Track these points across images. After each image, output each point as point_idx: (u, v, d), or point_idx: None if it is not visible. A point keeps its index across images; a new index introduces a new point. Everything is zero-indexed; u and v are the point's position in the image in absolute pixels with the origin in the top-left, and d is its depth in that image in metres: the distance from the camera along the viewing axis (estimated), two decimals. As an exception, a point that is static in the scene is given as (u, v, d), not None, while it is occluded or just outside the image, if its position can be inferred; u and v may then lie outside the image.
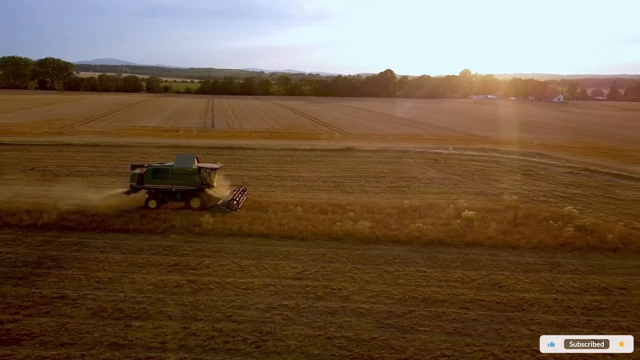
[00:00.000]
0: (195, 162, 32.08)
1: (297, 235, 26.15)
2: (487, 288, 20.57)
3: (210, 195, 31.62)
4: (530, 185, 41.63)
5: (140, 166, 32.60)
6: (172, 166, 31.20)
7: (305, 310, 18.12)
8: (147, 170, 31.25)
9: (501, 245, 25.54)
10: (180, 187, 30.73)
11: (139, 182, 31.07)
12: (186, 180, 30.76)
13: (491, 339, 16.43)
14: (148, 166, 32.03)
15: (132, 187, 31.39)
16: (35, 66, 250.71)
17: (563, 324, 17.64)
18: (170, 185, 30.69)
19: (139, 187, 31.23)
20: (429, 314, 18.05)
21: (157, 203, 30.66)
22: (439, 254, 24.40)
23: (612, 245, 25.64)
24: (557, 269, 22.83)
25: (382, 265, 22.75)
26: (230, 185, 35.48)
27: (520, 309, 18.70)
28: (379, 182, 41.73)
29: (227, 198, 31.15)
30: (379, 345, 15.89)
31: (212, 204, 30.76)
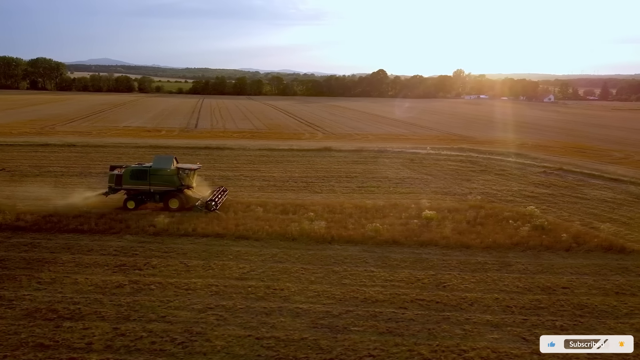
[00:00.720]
0: (174, 162, 31.88)
1: (251, 235, 26.09)
2: (430, 288, 20.57)
3: (189, 195, 31.47)
4: (501, 185, 41.72)
5: (119, 167, 32.42)
6: (151, 167, 31.05)
7: (241, 310, 18.07)
8: (125, 171, 31.08)
9: (455, 245, 25.55)
10: (159, 187, 30.59)
11: (117, 183, 30.92)
12: (165, 181, 30.63)
13: (422, 339, 16.42)
14: (126, 167, 31.83)
15: (110, 188, 31.23)
16: (26, 66, 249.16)
17: (498, 323, 17.66)
18: (148, 186, 30.54)
19: (117, 188, 31.06)
20: (365, 314, 18.03)
21: (135, 204, 30.51)
22: (391, 253, 24.39)
23: (566, 244, 25.70)
24: (506, 269, 22.86)
25: (330, 265, 22.72)
26: (210, 185, 35.30)
27: (459, 309, 18.71)
28: (350, 182, 41.73)
29: (206, 199, 30.99)
30: (307, 345, 15.86)
31: (191, 205, 30.56)
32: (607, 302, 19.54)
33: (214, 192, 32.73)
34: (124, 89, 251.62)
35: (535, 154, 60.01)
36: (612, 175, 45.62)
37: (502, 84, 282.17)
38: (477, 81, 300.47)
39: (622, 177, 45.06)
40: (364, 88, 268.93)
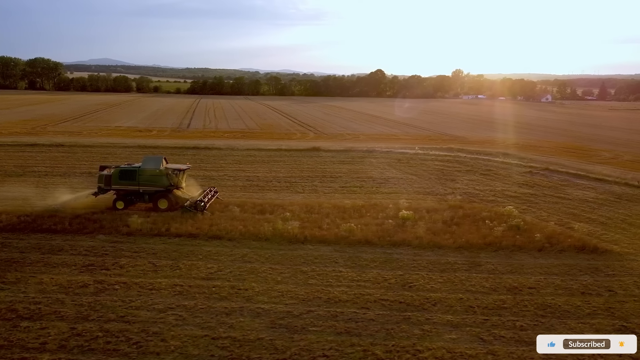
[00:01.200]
0: (164, 163, 31.81)
1: (225, 235, 26.08)
2: (396, 288, 20.55)
3: (178, 196, 31.41)
4: (484, 185, 41.68)
5: (109, 167, 32.36)
6: (140, 167, 30.98)
7: (202, 310, 18.06)
8: (114, 171, 31.02)
9: (427, 245, 25.52)
10: (148, 188, 30.53)
11: (106, 183, 30.88)
12: (154, 182, 30.56)
13: (379, 339, 16.41)
14: (116, 167, 31.80)
15: (100, 189, 31.19)
16: (25, 66, 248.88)
17: (458, 323, 17.64)
18: (138, 187, 30.49)
19: (106, 189, 31.02)
20: (326, 314, 18.02)
21: (124, 204, 30.47)
22: (362, 254, 24.37)
23: (539, 245, 25.67)
24: (475, 269, 22.83)
25: (299, 265, 22.71)
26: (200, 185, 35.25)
27: (422, 309, 18.69)
28: (333, 182, 41.71)
29: (195, 199, 30.91)
30: (262, 345, 15.84)
31: (180, 205, 30.51)
32: (571, 303, 19.51)
33: (204, 192, 32.66)
34: (122, 89, 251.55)
35: (524, 154, 59.97)
36: (597, 176, 45.58)
37: (500, 84, 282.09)
38: (475, 81, 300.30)
39: (606, 177, 45.01)
40: (362, 88, 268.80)
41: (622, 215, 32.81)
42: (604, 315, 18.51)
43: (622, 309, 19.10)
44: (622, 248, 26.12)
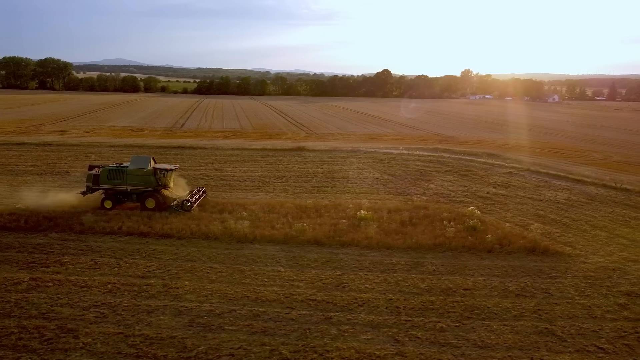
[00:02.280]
0: (152, 163, 32.00)
1: (175, 234, 26.22)
2: (329, 288, 20.51)
3: (166, 195, 31.59)
4: (459, 186, 41.37)
5: (98, 167, 32.59)
6: (128, 167, 31.22)
7: (125, 308, 18.18)
8: (102, 171, 31.28)
9: (376, 246, 25.42)
10: (136, 187, 30.75)
11: (94, 182, 31.14)
12: (142, 181, 30.76)
13: (292, 339, 16.39)
14: (104, 167, 32.09)
15: (88, 188, 31.46)
16: (35, 66, 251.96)
17: (378, 324, 17.57)
18: (125, 186, 30.72)
19: (95, 188, 31.28)
20: (248, 314, 18.04)
21: (112, 203, 30.73)
22: (308, 254, 24.35)
23: (488, 246, 25.46)
24: (416, 269, 22.70)
25: (239, 264, 22.75)
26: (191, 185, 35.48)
27: (347, 309, 18.64)
28: (307, 182, 41.70)
29: (182, 199, 31.09)
30: (172, 344, 15.91)
31: (168, 205, 30.72)
32: (502, 304, 19.32)
33: (192, 192, 32.81)
34: (130, 88, 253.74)
35: (511, 154, 59.42)
36: (576, 177, 44.99)
37: (508, 84, 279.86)
38: (483, 81, 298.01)
39: (586, 178, 44.42)
40: (368, 88, 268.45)
41: (588, 216, 32.38)
42: (530, 318, 18.31)
43: (552, 311, 18.88)
44: (575, 250, 25.81)
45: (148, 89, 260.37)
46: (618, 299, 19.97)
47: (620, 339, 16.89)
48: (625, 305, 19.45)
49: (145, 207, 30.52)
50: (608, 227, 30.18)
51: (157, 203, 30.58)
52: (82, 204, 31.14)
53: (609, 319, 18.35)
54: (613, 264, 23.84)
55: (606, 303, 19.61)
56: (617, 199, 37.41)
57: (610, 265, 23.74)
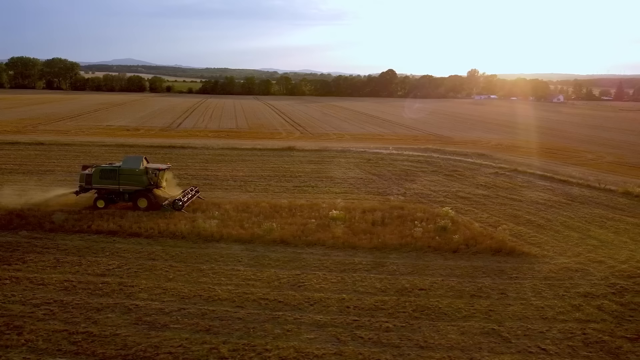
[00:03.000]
0: (144, 162, 32.20)
1: (143, 233, 26.39)
2: (285, 287, 20.54)
3: (158, 195, 31.79)
4: (442, 186, 41.23)
5: (91, 167, 32.84)
6: (120, 167, 31.45)
7: (76, 306, 18.33)
8: (95, 170, 31.52)
9: (342, 246, 25.41)
10: (128, 187, 30.95)
11: (87, 182, 31.38)
12: (133, 181, 30.94)
13: (234, 338, 16.45)
14: (96, 167, 32.35)
15: (81, 187, 31.71)
16: (42, 66, 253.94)
17: (325, 324, 17.57)
18: (118, 186, 30.94)
19: (87, 188, 31.52)
20: (196, 312, 18.12)
21: (105, 203, 30.95)
22: (272, 253, 24.41)
23: (454, 246, 25.37)
24: (377, 269, 22.68)
25: (200, 263, 22.86)
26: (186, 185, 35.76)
27: (297, 309, 18.66)
28: (289, 182, 41.75)
29: (174, 198, 31.23)
30: (113, 341, 16.02)
31: (160, 204, 30.85)
32: (454, 305, 19.25)
33: (185, 191, 32.96)
34: (136, 88, 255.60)
35: (502, 154, 59.18)
36: (562, 177, 44.69)
37: (514, 84, 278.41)
38: (488, 81, 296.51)
39: (571, 178, 44.11)
40: (372, 88, 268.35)
41: (564, 217, 32.15)
42: (480, 318, 18.23)
43: (503, 312, 18.79)
44: (543, 250, 25.65)
45: (154, 88, 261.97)
46: (573, 300, 19.83)
47: (565, 340, 16.78)
48: (579, 306, 19.31)
49: (137, 206, 30.70)
50: (582, 228, 29.96)
51: (149, 202, 30.77)
52: (59, 202, 31.41)
53: (559, 320, 18.22)
54: (577, 265, 23.67)
55: (560, 304, 19.48)
56: (599, 199, 37.12)
57: (574, 266, 23.57)
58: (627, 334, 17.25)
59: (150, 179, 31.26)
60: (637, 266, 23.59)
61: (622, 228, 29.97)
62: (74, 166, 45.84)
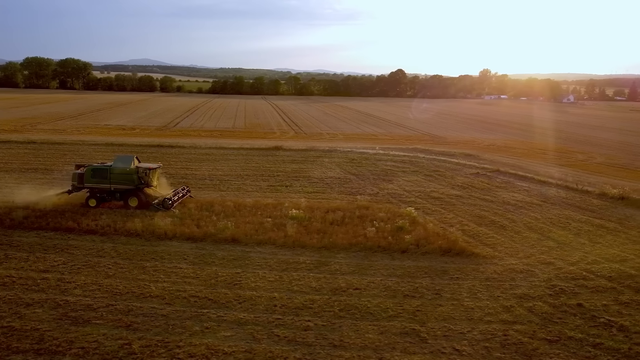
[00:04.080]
0: (135, 162, 32.69)
1: (99, 230, 26.78)
2: (220, 285, 20.70)
3: (148, 194, 32.23)
4: (417, 186, 41.06)
5: (84, 166, 33.31)
6: (111, 166, 31.96)
7: (9, 301, 18.62)
8: (86, 170, 32.03)
9: (292, 245, 25.48)
10: (119, 186, 31.42)
11: (79, 181, 31.89)
12: (124, 180, 31.39)
13: (151, 334, 16.64)
14: (88, 166, 32.88)
15: (73, 187, 32.25)
16: (56, 66, 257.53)
17: (245, 322, 17.65)
18: (109, 185, 31.43)
19: (80, 187, 32.04)
20: (123, 309, 18.35)
21: (97, 202, 31.45)
22: (220, 251, 24.58)
23: (404, 246, 25.30)
24: (318, 269, 22.71)
25: (146, 261, 23.11)
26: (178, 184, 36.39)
27: (224, 307, 18.79)
28: (265, 181, 41.94)
29: (163, 197, 31.64)
30: (31, 335, 16.29)
31: (150, 203, 31.31)
32: (384, 304, 19.22)
33: (176, 190, 33.37)
34: (147, 88, 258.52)
35: (489, 155, 58.74)
36: (543, 178, 44.17)
37: (525, 84, 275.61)
38: (500, 81, 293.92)
39: (551, 179, 43.59)
40: (381, 88, 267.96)
41: (530, 218, 31.85)
42: (405, 318, 18.17)
43: (432, 312, 18.70)
44: (495, 251, 25.47)
45: (164, 88, 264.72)
46: (506, 302, 19.66)
47: (483, 342, 16.66)
48: (509, 308, 19.14)
49: (128, 205, 31.12)
50: (544, 229, 29.65)
51: (140, 201, 31.17)
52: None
53: (484, 321, 18.09)
54: (524, 267, 23.45)
55: (492, 305, 19.34)
56: (572, 200, 36.67)
57: (521, 267, 23.36)
58: (548, 335, 17.08)
59: (140, 178, 31.63)
60: (584, 268, 23.30)
61: (585, 230, 29.59)
62: (57, 164, 46.70)
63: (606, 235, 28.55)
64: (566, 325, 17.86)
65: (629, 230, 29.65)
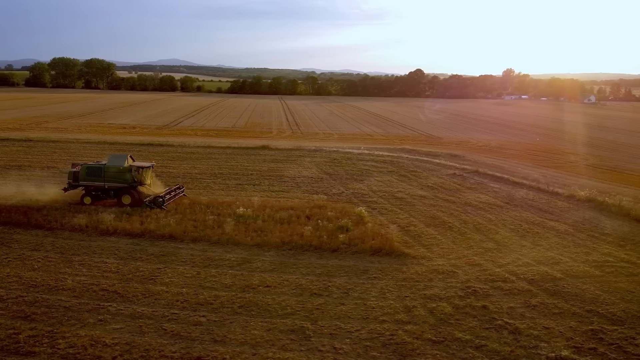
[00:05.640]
0: (129, 161, 33.72)
1: (46, 225, 27.66)
2: (136, 280, 21.16)
3: (141, 192, 33.08)
4: (386, 186, 40.91)
5: (80, 165, 34.38)
6: (105, 165, 33.04)
7: None
8: (81, 168, 33.13)
9: (226, 242, 25.79)
10: (113, 184, 32.46)
11: (74, 179, 33.04)
12: (118, 178, 32.38)
13: (43, 325, 17.14)
14: (83, 164, 34.02)
15: (69, 184, 33.40)
16: (81, 67, 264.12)
17: (142, 315, 18.04)
18: (103, 183, 32.50)
19: (75, 185, 33.19)
20: (31, 300, 18.93)
21: (91, 199, 32.56)
22: (153, 247, 25.09)
23: (335, 245, 25.38)
24: (240, 266, 22.99)
25: (76, 255, 23.78)
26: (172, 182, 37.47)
27: (127, 300, 19.24)
28: (236, 180, 42.41)
29: (155, 195, 32.47)
30: None
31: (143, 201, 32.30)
32: (285, 302, 19.36)
33: (169, 189, 34.23)
34: (168, 88, 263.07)
35: (477, 155, 58.04)
36: (518, 179, 43.45)
37: (547, 84, 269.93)
38: (521, 81, 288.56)
39: (526, 180, 42.86)
40: (399, 88, 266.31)
41: (484, 220, 31.45)
42: (299, 316, 18.24)
43: (329, 311, 18.72)
44: (428, 252, 25.31)
45: (185, 88, 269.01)
46: (412, 302, 19.57)
47: (366, 341, 16.66)
48: (411, 308, 19.06)
49: (121, 203, 31.99)
50: (492, 230, 29.28)
51: (133, 199, 31.99)
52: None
53: (378, 320, 18.07)
54: (450, 267, 23.27)
55: (395, 305, 19.29)
56: (537, 202, 36.03)
57: (446, 268, 23.18)
58: (435, 336, 16.97)
59: (134, 177, 32.48)
60: (510, 270, 22.99)
61: (534, 232, 29.10)
62: (44, 162, 48.20)
63: (552, 238, 28.02)
64: (459, 326, 17.71)
65: (579, 233, 29.03)
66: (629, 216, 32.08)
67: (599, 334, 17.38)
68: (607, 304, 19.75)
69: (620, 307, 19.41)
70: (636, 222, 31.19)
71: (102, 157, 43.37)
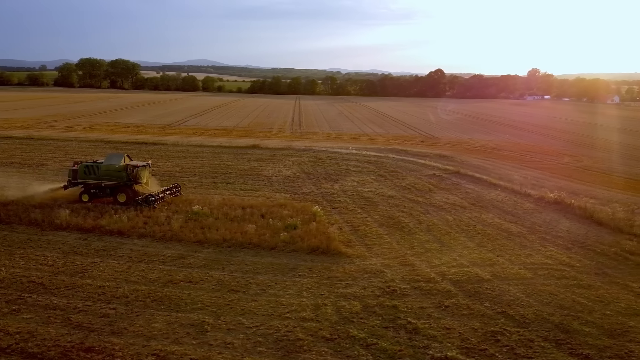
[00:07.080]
0: (125, 159, 34.98)
1: (5, 219, 28.82)
2: (67, 273, 21.88)
3: (136, 190, 34.14)
4: (360, 186, 40.93)
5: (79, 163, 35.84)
6: (103, 163, 34.37)
7: None
8: (80, 166, 34.48)
9: (169, 239, 26.40)
10: (110, 182, 33.68)
11: (73, 177, 34.38)
12: (114, 176, 33.59)
13: (-39, 314, 18.05)
14: (81, 163, 35.45)
15: (69, 182, 34.72)
16: (107, 67, 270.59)
17: (55, 306, 18.67)
18: (100, 181, 33.74)
19: (75, 183, 34.50)
20: (-43, 290, 19.93)
21: (89, 197, 33.82)
22: (98, 242, 25.86)
23: (273, 243, 25.70)
24: (173, 262, 23.49)
25: (20, 249, 24.66)
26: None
27: (50, 293, 19.91)
28: (213, 178, 43.08)
29: (148, 193, 33.47)
30: None
31: None
32: (198, 298, 19.73)
33: (165, 188, 35.37)
34: (190, 87, 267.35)
35: (467, 156, 57.44)
36: (494, 180, 42.87)
37: (571, 84, 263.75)
38: (544, 81, 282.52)
39: (502, 181, 42.27)
40: (419, 88, 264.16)
41: (440, 220, 31.29)
42: (206, 312, 18.57)
43: (237, 307, 19.03)
44: (366, 252, 25.39)
45: (206, 88, 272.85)
46: (324, 300, 19.72)
47: (260, 337, 16.89)
48: (320, 306, 19.21)
49: (117, 200, 33.15)
50: (443, 231, 29.13)
51: (128, 197, 33.01)
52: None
53: (282, 317, 18.27)
54: (381, 267, 23.31)
55: (306, 303, 19.46)
56: (504, 204, 35.60)
57: (377, 268, 23.23)
58: (329, 334, 17.12)
59: (129, 175, 33.57)
60: (440, 271, 22.90)
61: (485, 233, 28.81)
62: (36, 159, 49.90)
63: (501, 240, 27.71)
64: (359, 325, 17.82)
65: (531, 235, 28.63)
66: (591, 219, 31.42)
67: (498, 336, 17.25)
68: (522, 306, 19.54)
69: (534, 310, 19.18)
70: (596, 224, 30.56)
71: (97, 155, 44.81)
